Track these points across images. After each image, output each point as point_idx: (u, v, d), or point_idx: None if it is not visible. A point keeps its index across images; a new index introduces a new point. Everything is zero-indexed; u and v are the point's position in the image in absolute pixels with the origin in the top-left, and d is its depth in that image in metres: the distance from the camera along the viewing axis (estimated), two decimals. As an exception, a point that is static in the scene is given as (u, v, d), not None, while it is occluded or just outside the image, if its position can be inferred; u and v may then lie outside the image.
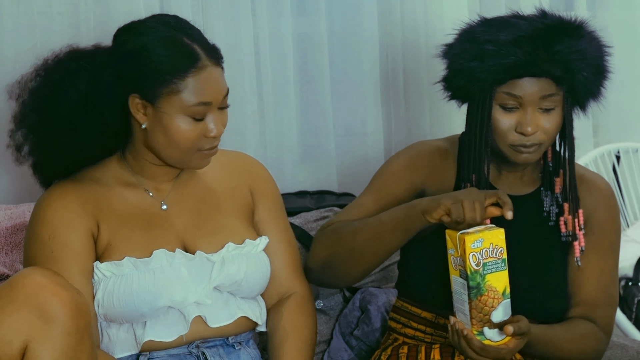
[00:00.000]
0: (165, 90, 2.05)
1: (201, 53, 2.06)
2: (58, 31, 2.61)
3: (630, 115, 3.48)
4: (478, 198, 2.05)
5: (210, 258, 2.15)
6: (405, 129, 3.09)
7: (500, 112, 2.17)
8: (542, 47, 2.11)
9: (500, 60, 2.12)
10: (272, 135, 2.92)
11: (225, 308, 2.16)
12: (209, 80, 2.07)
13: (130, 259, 2.09)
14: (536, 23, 2.15)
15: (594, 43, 2.17)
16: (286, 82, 2.92)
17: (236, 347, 2.19)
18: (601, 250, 2.29)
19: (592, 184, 2.32)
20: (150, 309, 2.08)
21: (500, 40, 2.13)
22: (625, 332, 2.98)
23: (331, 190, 2.97)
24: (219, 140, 2.12)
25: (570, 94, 2.17)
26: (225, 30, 2.80)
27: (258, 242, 2.22)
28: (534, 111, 2.15)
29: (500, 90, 2.15)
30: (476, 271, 2.02)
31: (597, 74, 2.17)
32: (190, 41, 2.07)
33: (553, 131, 2.17)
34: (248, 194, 2.28)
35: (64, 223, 2.09)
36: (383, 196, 2.27)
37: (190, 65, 2.05)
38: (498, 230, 2.04)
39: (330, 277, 2.28)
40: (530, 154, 2.18)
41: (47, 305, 1.81)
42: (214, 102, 2.08)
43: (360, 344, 2.59)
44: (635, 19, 3.45)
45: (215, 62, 2.08)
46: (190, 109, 2.06)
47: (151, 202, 2.18)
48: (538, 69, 2.12)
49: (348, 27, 3.01)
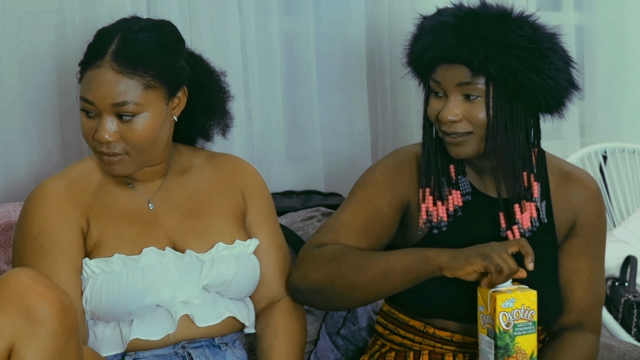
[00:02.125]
0: (80, 75, 2.10)
1: (109, 54, 2.04)
2: (44, 30, 2.61)
3: (617, 115, 3.48)
4: (503, 249, 2.02)
5: (200, 257, 2.15)
6: (392, 128, 3.08)
7: (432, 97, 2.18)
8: (452, 32, 2.11)
9: (419, 47, 2.15)
10: (259, 134, 2.92)
11: (213, 308, 2.16)
12: (96, 80, 2.05)
13: (120, 256, 2.08)
14: (458, 11, 2.15)
15: (516, 32, 2.10)
16: (273, 82, 2.92)
17: (222, 348, 2.18)
18: (591, 250, 2.29)
19: (579, 183, 2.29)
20: (138, 307, 2.07)
21: (425, 26, 2.16)
22: (612, 333, 2.99)
23: (318, 190, 2.96)
24: (118, 151, 2.08)
25: (497, 85, 2.11)
26: (212, 29, 2.79)
27: (248, 243, 2.22)
28: (455, 99, 2.13)
29: (431, 76, 2.16)
30: (505, 331, 1.99)
31: (530, 64, 2.09)
32: (116, 42, 2.06)
33: (479, 121, 2.13)
34: (240, 197, 2.27)
35: (54, 218, 2.09)
36: (368, 210, 2.23)
37: (92, 61, 2.06)
38: (530, 292, 2.01)
39: (320, 302, 2.24)
40: (458, 145, 2.15)
41: (33, 306, 1.79)
42: (98, 104, 2.05)
43: (346, 344, 2.59)
44: (622, 20, 3.45)
45: (117, 69, 2.04)
46: (81, 102, 2.08)
47: (139, 201, 2.18)
48: (447, 53, 2.11)
49: (335, 26, 3.00)
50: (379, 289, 2.14)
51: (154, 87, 2.07)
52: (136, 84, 2.05)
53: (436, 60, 2.14)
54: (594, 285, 2.29)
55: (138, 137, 2.07)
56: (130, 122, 2.06)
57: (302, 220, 2.75)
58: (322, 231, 2.24)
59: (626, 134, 3.49)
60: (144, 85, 2.06)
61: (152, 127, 2.08)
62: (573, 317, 2.27)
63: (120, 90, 2.04)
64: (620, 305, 3.07)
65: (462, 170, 2.24)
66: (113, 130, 2.06)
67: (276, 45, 2.90)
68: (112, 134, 2.06)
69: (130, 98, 2.05)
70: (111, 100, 2.05)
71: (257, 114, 2.90)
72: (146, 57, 2.06)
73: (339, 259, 2.15)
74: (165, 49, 2.10)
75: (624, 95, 3.47)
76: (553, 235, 2.26)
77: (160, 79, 2.08)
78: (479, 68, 2.09)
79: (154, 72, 2.07)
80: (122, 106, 2.05)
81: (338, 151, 3.05)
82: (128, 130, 2.06)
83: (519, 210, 2.21)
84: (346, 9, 3.00)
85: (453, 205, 2.23)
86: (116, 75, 2.04)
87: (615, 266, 3.14)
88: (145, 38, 2.07)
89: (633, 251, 3.22)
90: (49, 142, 2.66)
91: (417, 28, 2.21)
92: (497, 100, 2.12)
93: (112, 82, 2.04)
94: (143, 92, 2.06)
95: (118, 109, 2.05)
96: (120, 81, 2.04)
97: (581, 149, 3.40)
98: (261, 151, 2.92)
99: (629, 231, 3.31)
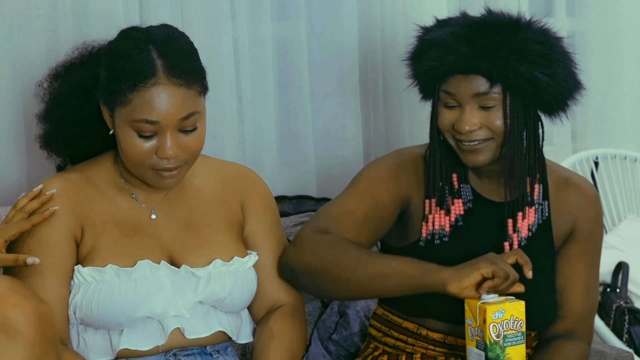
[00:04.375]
0: (119, 99, 2.01)
1: (160, 69, 1.99)
2: (36, 34, 2.60)
3: (609, 121, 3.49)
4: (502, 260, 2.02)
5: (195, 273, 2.12)
6: (384, 134, 3.08)
7: (443, 109, 2.17)
8: (466, 43, 2.10)
9: (430, 60, 2.14)
10: (251, 139, 2.91)
11: (204, 320, 2.14)
12: (157, 99, 1.98)
13: (113, 266, 2.06)
14: (467, 21, 2.14)
15: (532, 39, 2.12)
16: (265, 86, 2.91)
17: (214, 356, 2.17)
18: (589, 257, 2.30)
19: (578, 188, 2.30)
20: (128, 319, 2.06)
21: (433, 38, 2.14)
22: (603, 339, 2.99)
23: (310, 195, 2.96)
24: (179, 163, 2.04)
25: (515, 92, 2.12)
26: (205, 34, 2.79)
27: (247, 259, 2.19)
28: (471, 109, 2.13)
29: (442, 88, 2.15)
30: (496, 342, 1.99)
31: (545, 70, 2.11)
32: (157, 56, 2.00)
33: (497, 128, 2.13)
34: (238, 208, 2.24)
35: (45, 223, 2.06)
36: (370, 201, 2.23)
37: (142, 79, 1.98)
38: (519, 303, 2.01)
39: (309, 286, 2.23)
40: (476, 152, 2.15)
41: (9, 318, 1.75)
42: (162, 122, 1.99)
43: (338, 349, 2.58)
44: (613, 25, 3.45)
45: (177, 82, 1.99)
46: (135, 124, 2.00)
47: (140, 211, 2.15)
48: (464, 64, 2.11)
49: (328, 31, 3.00)
50: (372, 289, 2.14)
51: (202, 93, 2.06)
52: (194, 93, 2.02)
53: (450, 72, 2.13)
54: (590, 292, 2.29)
55: (200, 144, 2.06)
56: (194, 132, 2.03)
57: (293, 225, 2.74)
58: (324, 217, 2.23)
59: (618, 140, 3.50)
60: (198, 92, 2.04)
61: (205, 131, 2.07)
62: (566, 325, 2.27)
63: (187, 104, 2.00)
64: (611, 312, 3.07)
65: (465, 177, 2.24)
66: (178, 144, 2.02)
67: (269, 50, 2.90)
68: (177, 148, 2.02)
69: (194, 108, 2.02)
70: (179, 115, 2.00)
71: (249, 118, 2.90)
72: (192, 64, 2.04)
73: (340, 249, 2.15)
74: (195, 52, 2.09)
75: (616, 101, 3.47)
76: (551, 240, 2.26)
77: (204, 83, 2.07)
78: (498, 78, 2.10)
79: (200, 77, 2.05)
80: (189, 118, 2.01)
81: (330, 156, 3.05)
82: (192, 141, 2.03)
83: (520, 218, 2.21)
84: (339, 15, 3.00)
85: (455, 215, 2.23)
86: (178, 89, 1.99)
87: (606, 272, 3.14)
88: (179, 46, 2.04)
89: (624, 257, 3.22)
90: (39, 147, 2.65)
91: (419, 40, 2.20)
92: (514, 107, 2.13)
93: (177, 97, 1.99)
94: (199, 99, 2.04)
95: (185, 123, 2.01)
96: (183, 94, 2.00)
97: (573, 155, 3.40)
98: (253, 156, 2.92)
99: (621, 237, 3.32)
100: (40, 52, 2.61)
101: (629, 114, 3.50)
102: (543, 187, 2.24)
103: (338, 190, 2.99)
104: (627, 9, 3.44)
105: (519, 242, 2.21)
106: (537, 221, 2.23)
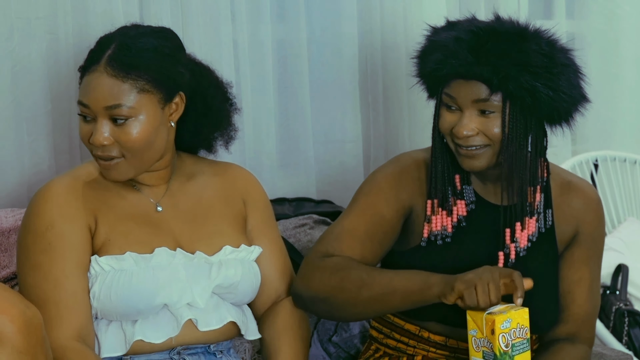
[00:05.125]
0: (80, 82, 2.14)
1: (104, 59, 2.08)
2: (36, 36, 2.60)
3: (609, 123, 3.49)
4: (492, 279, 1.99)
5: (209, 259, 2.16)
6: (384, 136, 3.08)
7: (444, 111, 2.17)
8: (469, 49, 2.09)
9: (434, 62, 2.13)
10: (251, 141, 2.91)
11: (216, 312, 2.16)
12: (91, 84, 2.09)
13: (131, 254, 2.09)
14: (473, 26, 2.13)
15: (535, 50, 2.11)
16: (265, 89, 2.92)
17: (217, 355, 2.19)
18: (592, 261, 2.29)
19: (581, 192, 2.30)
20: (147, 306, 2.08)
21: (439, 40, 2.14)
22: (603, 341, 2.99)
23: (310, 197, 2.96)
24: (112, 154, 2.10)
25: (515, 102, 2.11)
26: (205, 36, 2.79)
27: (252, 249, 2.23)
28: (470, 114, 2.13)
29: (444, 90, 2.15)
30: (505, 352, 1.98)
31: (548, 81, 2.10)
32: (112, 47, 2.09)
33: (494, 135, 2.12)
34: (241, 203, 2.29)
35: (61, 216, 2.09)
36: (371, 217, 2.22)
37: (89, 66, 2.11)
38: (523, 310, 2.00)
39: (321, 311, 2.24)
40: (472, 158, 2.14)
41: None
42: (92, 107, 2.08)
43: (338, 351, 2.58)
44: (613, 28, 3.46)
45: (111, 72, 2.08)
46: (78, 106, 2.12)
47: (147, 203, 2.20)
48: (465, 70, 2.10)
49: (327, 34, 3.00)
50: (378, 307, 2.15)
51: (147, 92, 2.10)
52: (129, 88, 2.08)
53: (451, 75, 2.13)
54: (593, 296, 2.29)
55: (131, 141, 2.09)
56: (123, 125, 2.09)
57: (294, 227, 2.74)
58: (326, 239, 2.23)
59: (617, 142, 3.50)
60: (138, 89, 2.09)
61: (146, 131, 2.10)
62: (569, 328, 2.27)
63: (113, 94, 2.08)
64: (611, 314, 3.07)
65: (467, 179, 2.24)
66: (107, 133, 2.09)
67: (268, 52, 2.90)
68: (107, 137, 2.09)
69: (123, 101, 2.08)
70: (104, 103, 2.08)
71: (249, 120, 2.90)
72: (140, 61, 2.09)
73: (342, 273, 2.14)
74: (161, 55, 2.12)
75: (615, 103, 3.48)
76: (554, 245, 2.26)
77: (155, 84, 2.10)
78: (498, 86, 2.09)
79: (147, 76, 2.09)
80: (115, 109, 2.08)
81: (330, 158, 3.05)
82: (122, 134, 2.09)
83: (519, 228, 2.20)
84: (338, 18, 3.00)
85: (457, 216, 2.23)
86: (109, 79, 2.08)
87: (606, 274, 3.14)
88: (142, 43, 2.10)
89: (624, 260, 3.22)
90: (40, 149, 2.65)
91: (428, 40, 2.20)
92: (513, 115, 2.12)
93: (105, 86, 2.08)
94: (137, 96, 2.09)
95: (111, 112, 2.08)
96: (113, 85, 2.08)
97: (572, 157, 3.40)
98: (253, 158, 2.92)
99: (620, 240, 3.31)
100: (40, 54, 2.61)
101: (628, 116, 3.50)
102: (545, 195, 2.24)
103: (338, 192, 3.01)
104: (626, 11, 3.45)
105: (516, 253, 2.20)
106: (537, 230, 2.23)
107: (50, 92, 2.64)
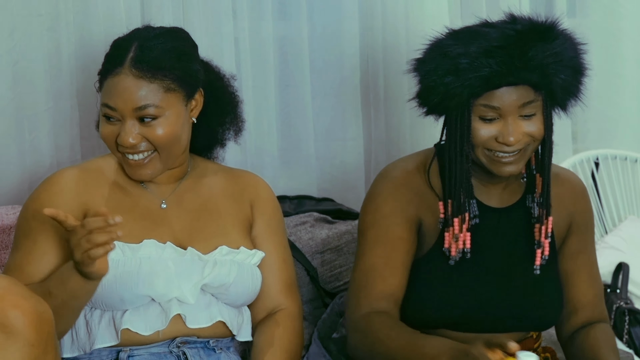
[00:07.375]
0: (100, 84, 2.18)
1: (127, 61, 2.13)
2: (37, 33, 2.60)
3: (609, 121, 3.48)
4: None
5: (201, 257, 2.17)
6: (385, 135, 3.08)
7: (479, 123, 2.13)
8: (516, 55, 2.08)
9: (475, 73, 2.08)
10: (252, 139, 2.91)
11: (206, 310, 2.17)
12: (117, 87, 2.13)
13: (118, 243, 2.09)
14: (507, 30, 2.10)
15: (568, 43, 2.14)
16: (266, 86, 2.92)
17: (217, 351, 2.19)
18: (588, 246, 2.34)
19: (568, 183, 2.33)
20: (131, 295, 2.09)
21: (472, 52, 2.08)
22: (604, 340, 2.99)
23: (311, 195, 2.96)
24: (142, 149, 2.15)
25: (550, 97, 2.15)
26: (206, 33, 2.79)
27: (253, 252, 2.24)
28: (514, 120, 2.12)
29: (478, 102, 2.11)
30: None
31: (575, 74, 2.15)
32: (134, 50, 2.13)
33: (538, 134, 2.14)
34: (248, 208, 2.31)
35: (51, 204, 2.09)
36: (385, 246, 2.20)
37: (111, 68, 2.15)
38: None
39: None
40: (512, 164, 2.14)
41: (8, 317, 1.75)
42: (120, 110, 2.13)
43: (339, 349, 2.58)
44: (614, 25, 3.45)
45: (137, 74, 2.12)
46: (103, 108, 2.16)
47: (151, 199, 2.23)
48: (514, 77, 2.09)
49: (329, 31, 3.00)
50: None
51: (173, 90, 2.15)
52: (157, 88, 2.13)
53: (494, 85, 2.09)
54: (595, 279, 2.34)
55: (160, 138, 2.14)
56: (151, 124, 2.13)
57: (294, 225, 2.74)
58: (354, 290, 2.20)
59: (618, 140, 3.49)
60: (164, 88, 2.14)
61: (174, 128, 2.15)
62: (582, 316, 2.30)
63: (141, 95, 2.12)
64: (612, 312, 3.07)
65: (471, 192, 2.21)
66: (135, 132, 2.13)
67: (270, 49, 2.90)
68: (135, 136, 2.13)
69: (151, 101, 2.12)
70: (133, 105, 2.12)
71: (250, 118, 2.89)
72: (164, 61, 2.14)
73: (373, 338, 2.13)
74: (181, 53, 2.18)
75: (617, 101, 3.47)
76: (552, 239, 2.27)
77: (179, 82, 2.16)
78: (542, 86, 2.10)
79: (172, 75, 2.14)
80: (144, 110, 2.12)
81: (331, 156, 3.05)
82: (150, 132, 2.13)
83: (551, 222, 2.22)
84: (340, 15, 2.99)
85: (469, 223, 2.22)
86: (136, 81, 2.12)
87: (607, 273, 3.14)
88: (161, 44, 2.15)
89: (625, 258, 3.22)
90: (41, 146, 2.65)
91: (443, 57, 2.12)
92: (547, 113, 2.15)
93: (133, 87, 2.12)
94: (164, 95, 2.14)
95: (140, 113, 2.12)
96: (141, 86, 2.12)
97: (573, 156, 3.39)
98: (254, 156, 2.92)
99: (621, 238, 3.31)
100: (42, 51, 2.61)
101: (629, 114, 3.50)
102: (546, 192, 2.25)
103: (338, 190, 3.01)
104: (627, 9, 3.44)
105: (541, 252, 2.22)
106: None
107: (50, 90, 2.64)
